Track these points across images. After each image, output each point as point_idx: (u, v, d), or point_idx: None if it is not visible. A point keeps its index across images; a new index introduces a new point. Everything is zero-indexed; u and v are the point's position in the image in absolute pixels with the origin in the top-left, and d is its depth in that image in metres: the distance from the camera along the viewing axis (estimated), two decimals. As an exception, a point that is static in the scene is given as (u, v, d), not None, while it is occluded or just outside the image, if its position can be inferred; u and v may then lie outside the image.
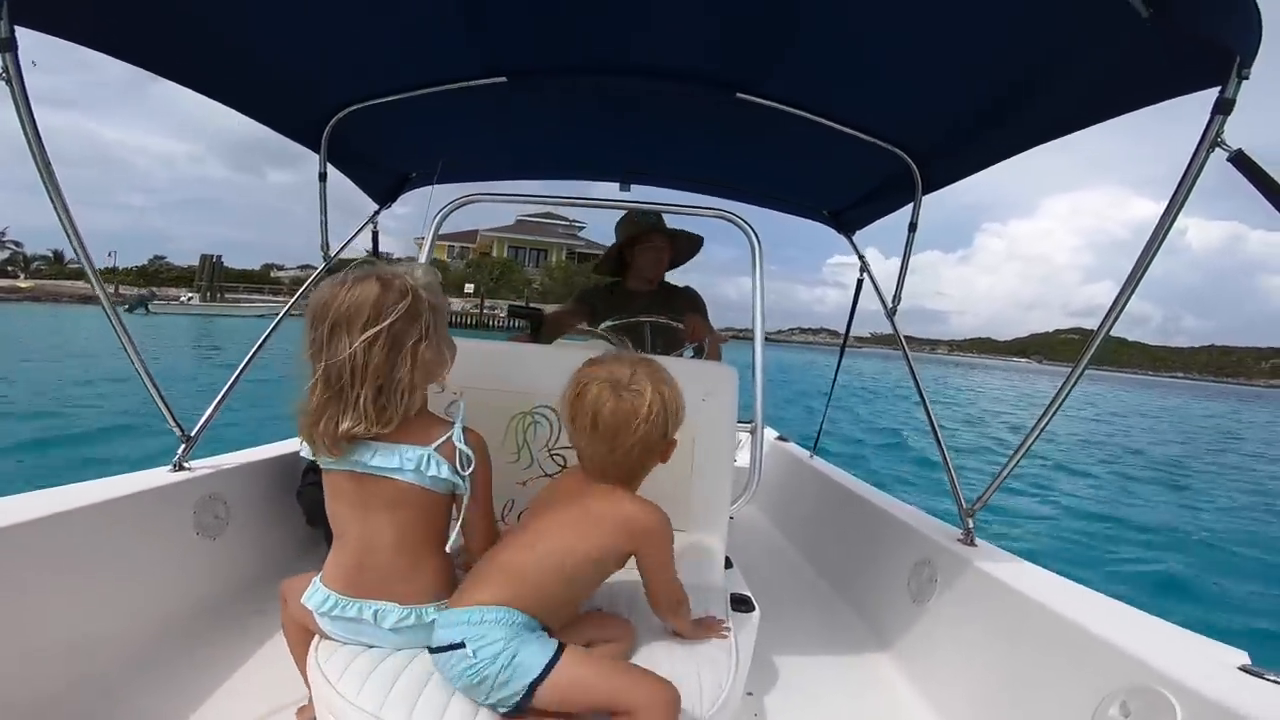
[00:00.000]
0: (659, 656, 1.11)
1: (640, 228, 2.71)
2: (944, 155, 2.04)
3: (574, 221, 61.94)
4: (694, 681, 1.05)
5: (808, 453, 3.31)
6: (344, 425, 1.04)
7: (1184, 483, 11.51)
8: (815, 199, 2.81)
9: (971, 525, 1.83)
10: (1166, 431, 23.06)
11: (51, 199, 1.44)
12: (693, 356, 2.56)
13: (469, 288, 54.23)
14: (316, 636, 1.16)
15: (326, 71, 1.86)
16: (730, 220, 1.92)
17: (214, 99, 1.84)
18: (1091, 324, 1.58)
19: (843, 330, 3.11)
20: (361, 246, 2.61)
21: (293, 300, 2.28)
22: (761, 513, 3.39)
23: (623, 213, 2.74)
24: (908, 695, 1.73)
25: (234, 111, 2.03)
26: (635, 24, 1.64)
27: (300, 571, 1.23)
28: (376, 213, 2.64)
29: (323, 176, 2.25)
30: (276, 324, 2.16)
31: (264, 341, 2.08)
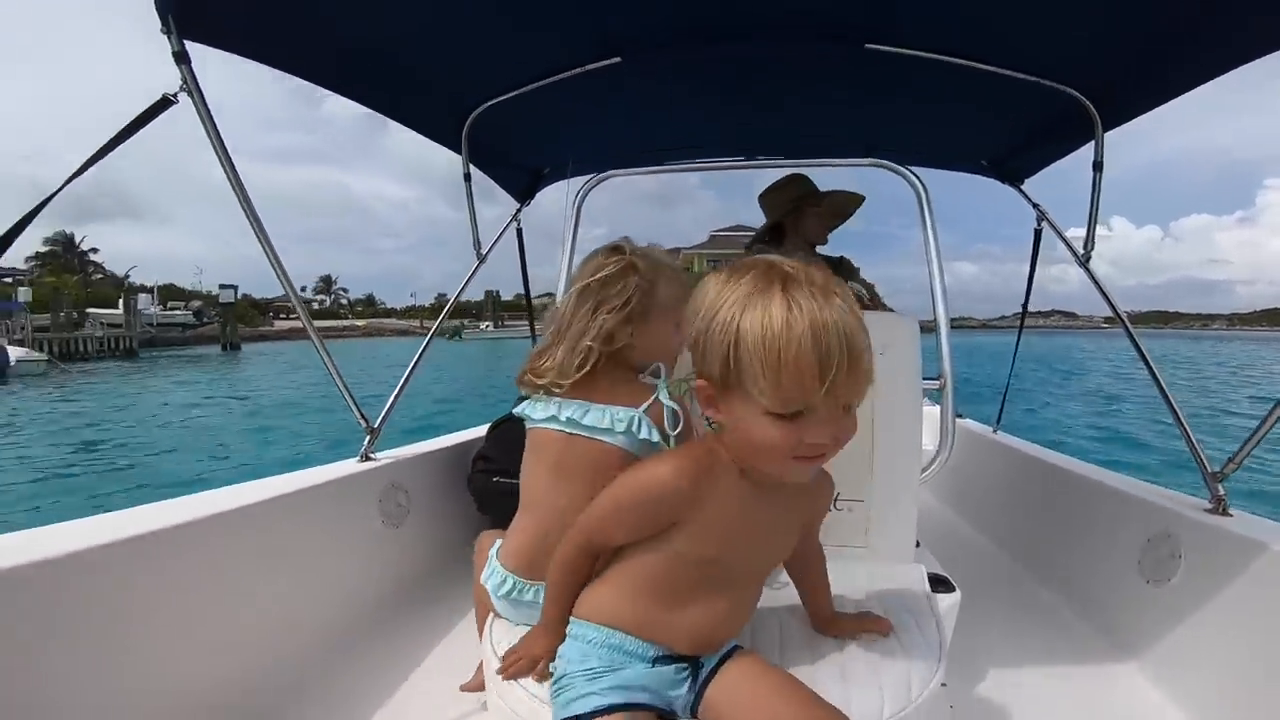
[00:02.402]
0: (861, 639, 1.02)
1: (802, 190, 2.43)
2: (1124, 88, 1.65)
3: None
4: (902, 667, 0.94)
5: (990, 428, 2.91)
6: (547, 371, 1.03)
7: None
8: (970, 148, 2.35)
9: (1223, 492, 1.48)
10: None
11: (252, 225, 1.47)
12: None
13: (683, 298, 56.48)
14: (491, 614, 1.08)
15: (457, 72, 1.80)
16: (889, 169, 1.73)
17: (365, 105, 1.83)
18: None
19: (1078, 311, 2.65)
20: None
21: (439, 319, 2.40)
22: (938, 495, 3.00)
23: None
24: (1146, 690, 1.43)
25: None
26: None
27: (469, 559, 1.22)
28: (518, 210, 2.57)
29: (467, 177, 2.20)
30: (428, 341, 2.20)
31: (428, 344, 2.16)
